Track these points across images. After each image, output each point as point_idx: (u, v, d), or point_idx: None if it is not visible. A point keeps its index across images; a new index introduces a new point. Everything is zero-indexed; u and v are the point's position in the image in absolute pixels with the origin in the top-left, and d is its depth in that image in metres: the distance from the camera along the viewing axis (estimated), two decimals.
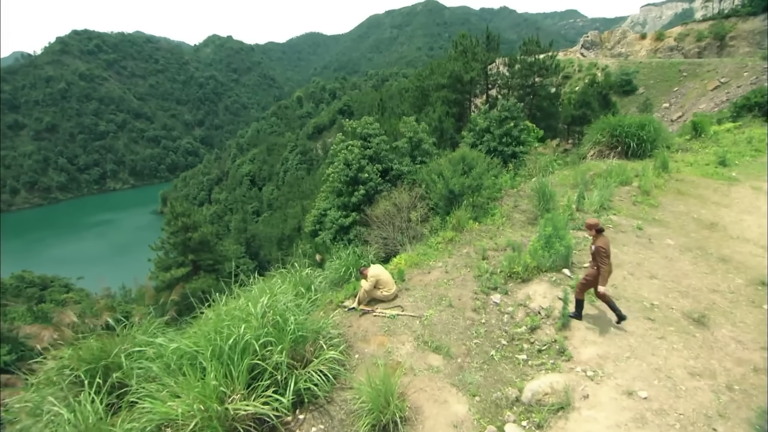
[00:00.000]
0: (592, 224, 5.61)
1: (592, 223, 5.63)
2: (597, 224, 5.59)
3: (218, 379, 4.35)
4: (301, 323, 5.32)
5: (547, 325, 5.93)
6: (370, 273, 6.88)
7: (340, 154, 14.13)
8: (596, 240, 5.54)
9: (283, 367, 4.84)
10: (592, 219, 5.74)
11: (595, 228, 5.58)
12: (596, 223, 5.62)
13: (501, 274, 7.39)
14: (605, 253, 5.36)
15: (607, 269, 5.39)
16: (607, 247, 5.41)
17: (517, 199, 11.53)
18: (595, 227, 5.58)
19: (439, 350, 5.58)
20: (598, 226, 5.58)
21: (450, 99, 23.58)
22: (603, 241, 5.46)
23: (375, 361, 5.42)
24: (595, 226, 5.58)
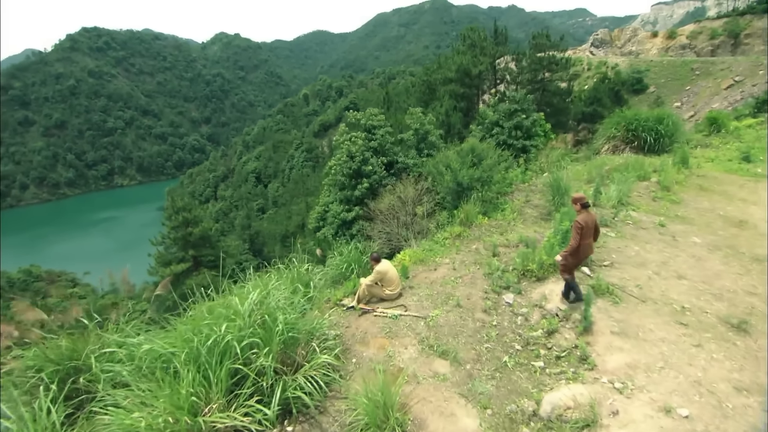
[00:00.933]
0: (578, 198, 5.39)
1: (578, 197, 5.41)
2: (583, 198, 5.37)
3: (193, 387, 3.82)
4: (292, 323, 4.77)
5: (566, 329, 5.33)
6: (376, 268, 6.31)
7: (343, 145, 13.58)
8: (579, 215, 5.32)
9: (269, 372, 4.30)
10: (579, 193, 5.52)
11: (580, 203, 5.35)
12: (582, 197, 5.40)
13: (513, 272, 6.80)
14: (579, 228, 5.15)
15: (575, 244, 5.18)
16: (585, 224, 5.18)
17: (529, 193, 10.91)
18: (581, 201, 5.35)
19: (446, 355, 5.00)
20: (584, 200, 5.36)
21: (458, 93, 22.92)
22: (582, 217, 5.24)
23: (374, 366, 4.86)
24: (581, 200, 5.36)
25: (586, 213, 5.31)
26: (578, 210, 5.40)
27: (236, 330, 4.39)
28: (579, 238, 5.16)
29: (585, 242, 5.31)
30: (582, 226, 5.17)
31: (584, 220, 5.22)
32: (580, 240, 5.18)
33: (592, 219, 5.36)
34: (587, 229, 5.25)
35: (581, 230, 5.17)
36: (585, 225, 5.20)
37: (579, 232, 5.15)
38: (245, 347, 4.30)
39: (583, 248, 5.36)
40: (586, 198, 5.42)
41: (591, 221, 5.33)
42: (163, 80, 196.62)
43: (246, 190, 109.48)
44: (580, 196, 5.44)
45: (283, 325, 4.57)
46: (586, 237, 5.30)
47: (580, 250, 5.35)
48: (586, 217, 5.26)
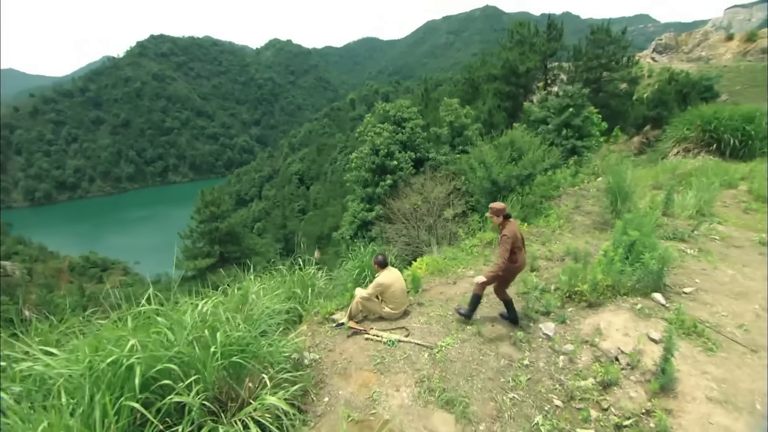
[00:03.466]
0: (499, 208, 4.63)
1: (498, 206, 4.65)
2: (504, 208, 4.65)
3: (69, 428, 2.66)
4: (239, 344, 3.54)
5: (631, 383, 3.70)
6: (377, 279, 4.97)
7: (367, 137, 12.36)
8: (503, 227, 4.58)
9: (194, 413, 3.09)
10: (498, 203, 4.73)
11: (502, 213, 4.61)
12: (503, 206, 4.66)
13: (556, 293, 5.20)
14: (508, 242, 4.41)
15: (503, 262, 4.40)
16: (514, 236, 4.46)
17: (579, 199, 9.14)
18: (502, 212, 4.61)
19: (452, 406, 3.55)
20: (505, 211, 4.64)
21: (502, 92, 21.06)
22: (509, 229, 4.52)
23: (347, 414, 3.51)
24: (502, 210, 4.62)
25: (509, 223, 4.59)
26: (500, 222, 4.64)
27: (157, 348, 3.24)
28: (509, 253, 4.43)
29: (517, 256, 4.56)
30: (511, 238, 4.44)
31: (511, 231, 4.50)
32: (510, 254, 4.44)
33: (517, 229, 4.66)
34: (517, 241, 4.55)
35: (511, 243, 4.44)
36: (514, 237, 4.48)
37: (509, 247, 4.43)
38: (163, 374, 3.14)
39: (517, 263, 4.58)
40: (506, 208, 4.71)
41: (517, 232, 4.62)
42: (218, 83, 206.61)
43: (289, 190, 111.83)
44: (500, 205, 4.67)
45: (220, 347, 3.35)
46: (518, 250, 4.58)
47: (514, 266, 4.57)
48: (512, 228, 4.54)
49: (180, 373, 3.14)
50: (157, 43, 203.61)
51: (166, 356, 3.26)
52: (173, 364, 3.28)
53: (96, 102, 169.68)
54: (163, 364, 3.14)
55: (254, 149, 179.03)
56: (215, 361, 3.33)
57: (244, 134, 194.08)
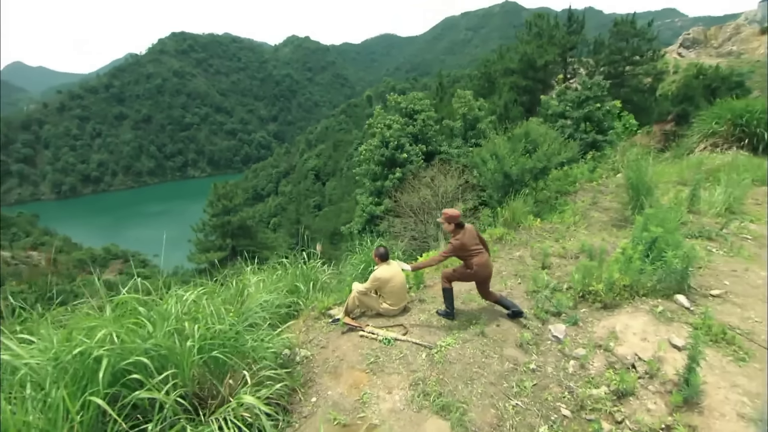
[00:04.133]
0: (451, 216, 4.35)
1: (450, 213, 4.37)
2: (456, 216, 4.37)
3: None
4: (221, 338, 3.32)
5: (649, 393, 3.33)
6: (375, 273, 4.69)
7: (377, 129, 12.04)
8: (454, 235, 4.33)
9: (166, 410, 2.87)
10: (451, 209, 4.47)
11: (453, 221, 4.35)
12: (456, 213, 4.38)
13: (569, 292, 4.83)
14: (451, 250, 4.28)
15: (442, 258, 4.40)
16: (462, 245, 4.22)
17: (597, 194, 8.65)
18: (454, 220, 4.35)
19: (448, 412, 3.25)
20: (458, 219, 4.36)
21: (519, 86, 20.42)
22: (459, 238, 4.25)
23: (333, 417, 3.25)
24: (454, 218, 4.35)
25: (461, 232, 4.32)
26: (452, 230, 4.39)
27: (130, 339, 3.05)
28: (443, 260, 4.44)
29: (471, 262, 4.29)
30: (457, 249, 4.25)
31: (460, 242, 4.24)
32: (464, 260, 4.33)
33: (472, 234, 4.39)
34: (466, 249, 4.27)
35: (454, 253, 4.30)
36: (461, 246, 4.24)
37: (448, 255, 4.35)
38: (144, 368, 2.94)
39: (472, 269, 4.32)
40: (460, 214, 4.45)
41: (471, 237, 4.35)
42: (236, 80, 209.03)
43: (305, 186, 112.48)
44: (453, 212, 4.40)
45: (198, 341, 3.13)
46: (469, 257, 4.30)
47: (469, 272, 4.35)
48: (463, 238, 4.26)
49: (152, 367, 2.92)
50: (178, 40, 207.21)
51: (141, 348, 3.06)
52: (148, 357, 3.09)
53: (119, 98, 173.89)
54: (134, 357, 2.93)
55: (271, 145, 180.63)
56: (193, 356, 3.12)
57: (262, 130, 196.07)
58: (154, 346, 3.16)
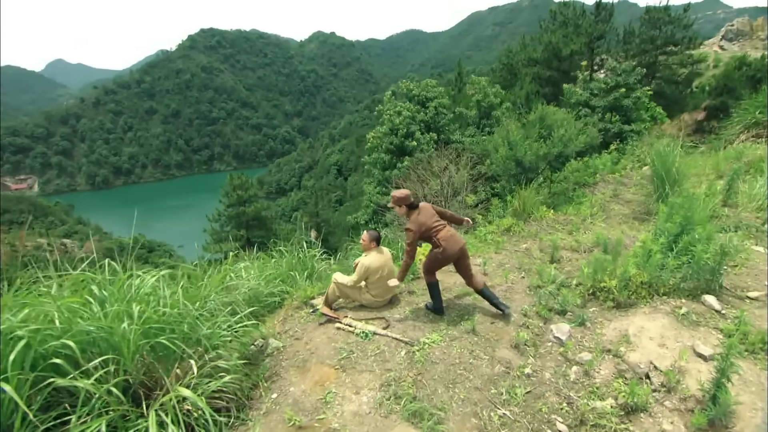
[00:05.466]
0: (401, 197, 3.95)
1: (399, 195, 3.96)
2: (407, 197, 3.97)
3: None
4: (168, 322, 2.98)
5: (666, 409, 2.77)
6: (363, 261, 4.24)
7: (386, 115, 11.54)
8: (408, 218, 3.96)
9: (94, 401, 2.54)
10: (400, 191, 4.07)
11: (405, 203, 3.95)
12: (406, 194, 3.98)
13: (578, 289, 4.26)
14: (411, 235, 3.82)
15: (409, 261, 3.86)
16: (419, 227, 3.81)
17: (619, 186, 7.93)
18: (405, 202, 3.94)
19: (419, 419, 2.79)
20: (409, 200, 3.97)
21: (543, 77, 19.44)
22: (414, 220, 3.87)
23: (290, 417, 2.84)
24: (405, 199, 3.95)
25: (416, 213, 3.91)
26: (405, 213, 3.99)
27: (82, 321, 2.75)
28: (414, 252, 3.86)
29: (437, 240, 3.86)
30: (416, 232, 3.80)
31: (418, 224, 3.82)
32: (431, 242, 3.91)
33: (429, 212, 3.96)
34: (428, 230, 3.84)
35: (415, 237, 3.81)
36: (419, 228, 3.81)
37: (412, 242, 3.81)
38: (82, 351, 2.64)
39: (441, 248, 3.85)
40: (411, 196, 4.04)
41: (429, 216, 3.91)
42: (262, 75, 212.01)
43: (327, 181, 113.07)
44: (402, 193, 3.98)
45: (140, 324, 2.79)
46: (435, 233, 3.86)
47: (440, 252, 3.87)
48: (418, 219, 3.85)
49: (77, 350, 2.59)
50: (207, 36, 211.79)
51: (78, 330, 2.75)
52: (88, 340, 2.79)
53: (150, 93, 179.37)
54: (62, 340, 2.61)
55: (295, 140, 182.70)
56: (136, 340, 2.79)
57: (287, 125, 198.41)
58: (97, 328, 2.85)
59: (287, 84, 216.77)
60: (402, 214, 4.07)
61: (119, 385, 2.77)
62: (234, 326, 3.40)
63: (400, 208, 3.98)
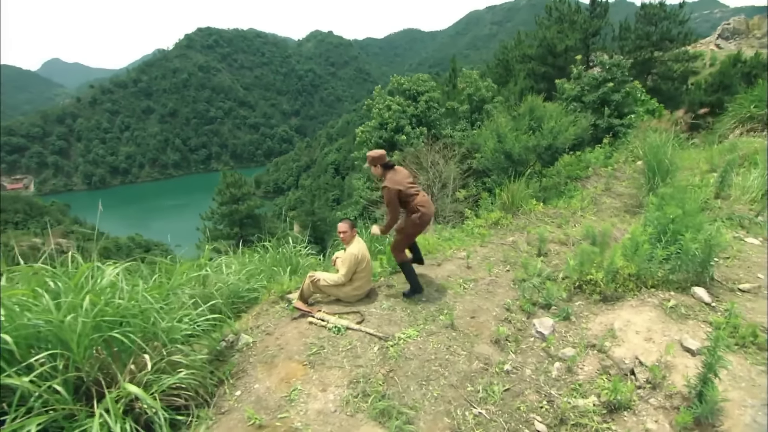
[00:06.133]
0: (376, 156, 3.92)
1: (375, 155, 3.93)
2: (382, 156, 3.95)
3: None
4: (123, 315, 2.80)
5: (650, 407, 2.60)
6: (351, 250, 4.02)
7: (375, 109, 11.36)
8: (384, 178, 3.88)
9: (33, 400, 2.36)
10: (376, 151, 4.00)
11: (380, 162, 3.92)
12: (381, 154, 3.95)
13: (564, 282, 4.09)
14: (391, 196, 3.77)
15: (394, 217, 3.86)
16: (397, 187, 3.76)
17: (611, 180, 7.77)
18: (381, 161, 3.93)
19: (387, 418, 2.61)
20: (384, 159, 3.96)
21: (537, 72, 19.28)
22: (390, 179, 3.83)
23: (250, 416, 2.66)
24: (380, 159, 3.93)
25: (392, 172, 3.91)
26: (381, 174, 3.93)
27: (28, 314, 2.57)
28: (397, 209, 3.80)
29: (413, 205, 3.83)
30: (393, 188, 3.74)
31: (394, 182, 3.79)
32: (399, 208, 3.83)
33: (404, 174, 3.96)
34: (407, 190, 3.81)
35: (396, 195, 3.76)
36: (395, 186, 3.76)
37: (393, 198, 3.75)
38: None
39: (419, 212, 3.85)
40: (386, 156, 3.99)
41: (405, 176, 3.93)
42: (260, 74, 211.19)
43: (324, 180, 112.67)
44: (378, 153, 3.95)
45: (90, 317, 2.61)
46: (412, 198, 3.83)
47: (417, 217, 3.85)
48: (394, 177, 3.84)
49: (12, 343, 2.40)
50: (204, 35, 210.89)
51: (17, 324, 2.57)
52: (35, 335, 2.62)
53: (147, 92, 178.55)
54: None
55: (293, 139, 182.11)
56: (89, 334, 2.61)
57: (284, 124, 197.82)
58: (45, 322, 2.68)
59: (285, 83, 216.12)
60: (377, 174, 4.01)
61: (69, 382, 2.61)
62: (196, 320, 3.21)
63: (376, 168, 3.96)
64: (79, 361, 2.66)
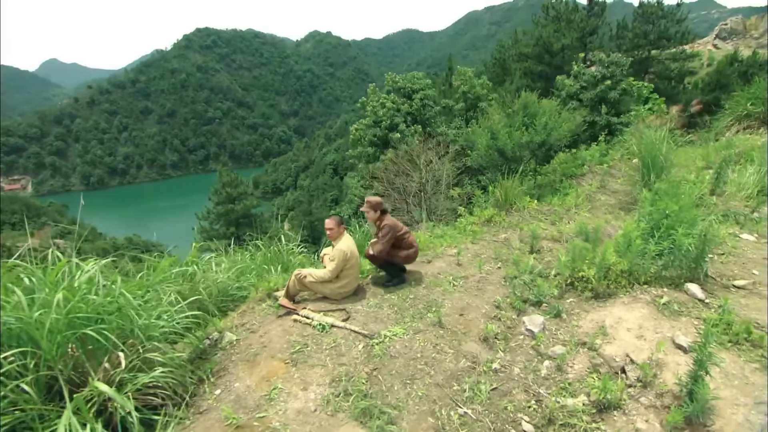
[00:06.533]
0: (375, 202, 4.27)
1: (374, 201, 4.29)
2: (381, 203, 4.30)
3: None
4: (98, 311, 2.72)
5: (641, 406, 2.52)
6: (341, 247, 3.95)
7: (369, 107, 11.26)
8: (381, 221, 4.25)
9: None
10: (374, 197, 4.43)
11: (379, 208, 4.27)
12: (380, 201, 4.30)
13: (556, 279, 4.01)
14: (389, 231, 4.12)
15: (386, 249, 4.13)
16: (394, 227, 4.17)
17: (606, 177, 7.70)
18: (380, 207, 4.27)
19: (369, 418, 2.52)
20: (383, 206, 4.32)
21: (534, 71, 19.21)
22: (391, 221, 4.25)
23: (227, 416, 2.57)
24: (379, 205, 4.27)
25: (388, 216, 4.33)
26: (375, 219, 4.27)
27: None
28: (390, 244, 4.12)
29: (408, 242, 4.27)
30: (393, 228, 4.14)
31: (393, 222, 4.23)
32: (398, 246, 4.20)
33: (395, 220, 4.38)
34: (402, 230, 4.24)
35: (393, 236, 4.13)
36: (396, 227, 4.19)
37: (391, 239, 4.11)
38: None
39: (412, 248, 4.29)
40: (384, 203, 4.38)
41: (397, 221, 4.34)
42: (258, 75, 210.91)
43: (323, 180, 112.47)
44: (376, 199, 4.32)
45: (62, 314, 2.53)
46: (406, 233, 4.28)
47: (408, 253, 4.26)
48: (394, 221, 4.28)
49: None
50: (202, 35, 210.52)
51: None
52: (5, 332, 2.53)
53: (145, 93, 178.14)
54: None
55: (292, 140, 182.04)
56: (62, 331, 2.53)
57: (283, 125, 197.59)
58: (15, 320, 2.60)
59: (283, 83, 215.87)
60: (372, 219, 4.29)
61: (40, 381, 2.53)
62: (175, 317, 3.11)
63: (375, 213, 4.24)
64: (51, 359, 2.58)
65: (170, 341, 3.35)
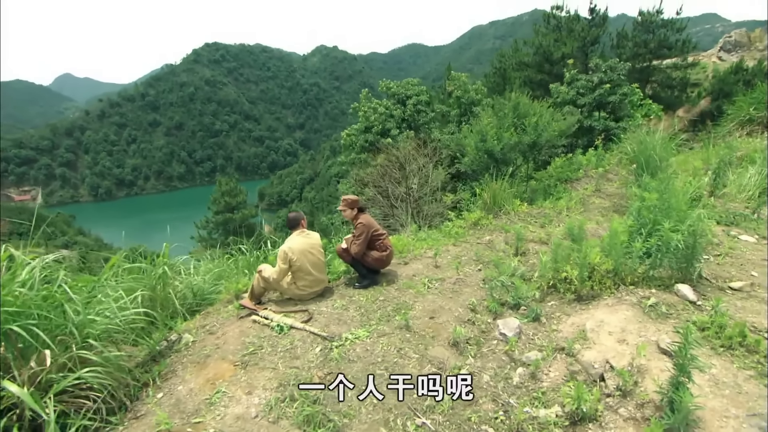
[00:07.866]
0: (352, 200, 4.19)
1: (351, 199, 4.20)
2: (357, 201, 4.22)
3: None
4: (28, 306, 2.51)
5: (619, 418, 2.23)
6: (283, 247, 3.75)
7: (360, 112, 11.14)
8: (356, 220, 4.14)
9: None
10: (351, 195, 4.32)
11: (357, 206, 4.19)
12: (356, 199, 4.23)
13: (537, 281, 3.74)
14: (364, 230, 4.00)
15: (361, 251, 3.98)
16: (369, 225, 4.05)
17: (601, 181, 7.43)
18: (356, 205, 4.19)
19: (313, 427, 2.26)
20: (359, 203, 4.23)
21: (533, 80, 19.10)
22: (366, 219, 4.13)
23: (159, 421, 2.33)
24: (355, 203, 4.19)
25: (365, 215, 4.24)
26: (352, 217, 4.20)
27: None
28: (365, 244, 4.00)
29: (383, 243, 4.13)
30: (367, 226, 4.05)
31: (368, 221, 4.14)
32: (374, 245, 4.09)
33: (373, 219, 4.33)
34: (378, 229, 4.16)
35: (368, 233, 4.02)
36: (370, 225, 4.10)
37: (366, 236, 4.01)
38: None
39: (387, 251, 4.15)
40: (361, 201, 4.34)
41: (374, 221, 4.28)
42: (265, 88, 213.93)
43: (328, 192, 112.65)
44: (353, 197, 4.27)
45: None
46: (382, 234, 4.18)
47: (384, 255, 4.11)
48: (369, 219, 4.20)
49: None
50: (211, 50, 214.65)
51: None
52: None
53: (154, 106, 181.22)
54: None
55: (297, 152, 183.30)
56: None
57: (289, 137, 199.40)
58: None
59: (290, 97, 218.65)
60: (349, 217, 4.24)
61: None
62: (117, 315, 2.89)
63: (352, 211, 4.17)
64: None
65: (127, 342, 3.15)
